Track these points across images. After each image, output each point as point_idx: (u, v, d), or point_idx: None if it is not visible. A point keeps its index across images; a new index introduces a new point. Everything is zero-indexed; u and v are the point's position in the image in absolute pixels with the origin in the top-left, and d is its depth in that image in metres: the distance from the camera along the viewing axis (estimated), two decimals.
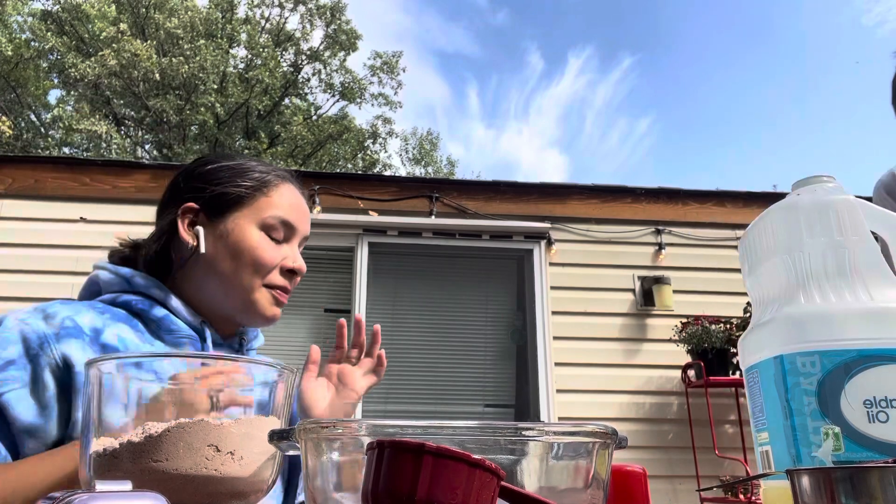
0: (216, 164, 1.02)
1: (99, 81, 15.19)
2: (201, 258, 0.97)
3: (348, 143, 18.53)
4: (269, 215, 0.99)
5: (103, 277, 0.98)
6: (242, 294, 0.97)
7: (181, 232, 0.98)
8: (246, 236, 0.97)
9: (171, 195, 1.03)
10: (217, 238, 0.97)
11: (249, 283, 0.97)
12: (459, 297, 4.80)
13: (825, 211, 0.61)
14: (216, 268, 0.97)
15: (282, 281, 1.00)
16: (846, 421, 0.53)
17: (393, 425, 0.42)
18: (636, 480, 0.61)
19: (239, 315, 0.99)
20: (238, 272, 0.96)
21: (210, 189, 0.99)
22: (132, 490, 0.38)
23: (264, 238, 0.98)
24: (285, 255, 1.00)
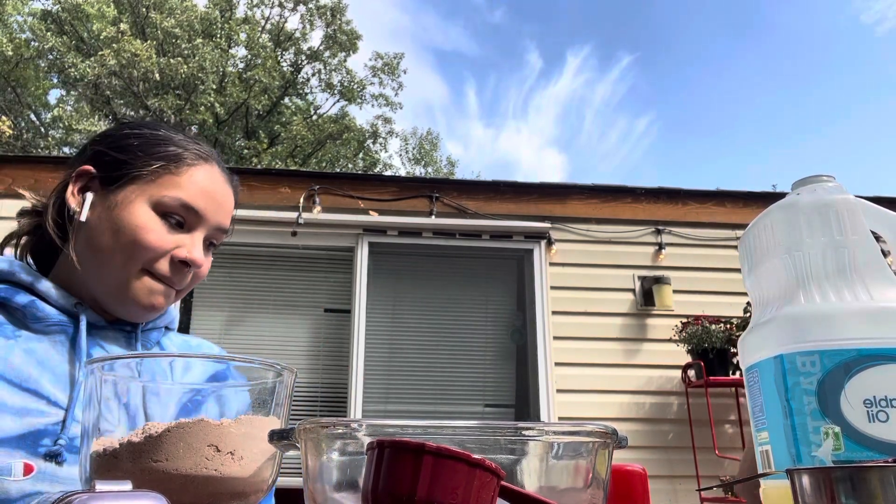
0: (132, 130, 0.91)
1: (99, 81, 15.19)
2: (83, 229, 0.85)
3: (349, 144, 18.53)
4: (169, 195, 0.85)
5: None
6: (114, 276, 0.84)
7: (68, 195, 0.88)
8: (133, 212, 0.84)
9: (76, 156, 0.92)
10: (104, 209, 0.85)
11: (123, 265, 0.84)
12: (459, 297, 4.80)
13: (825, 210, 0.61)
14: (94, 241, 0.84)
15: (166, 270, 0.86)
16: (846, 420, 0.53)
17: (393, 425, 0.42)
18: (636, 480, 0.61)
19: (108, 300, 0.86)
20: (114, 250, 0.83)
21: (112, 155, 0.88)
22: (132, 490, 0.38)
23: (154, 219, 0.85)
24: (180, 244, 0.86)
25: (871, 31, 39.31)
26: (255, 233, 4.43)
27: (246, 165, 15.12)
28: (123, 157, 0.87)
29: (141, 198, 0.85)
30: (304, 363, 4.44)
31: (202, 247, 0.90)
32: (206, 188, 0.91)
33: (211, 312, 4.63)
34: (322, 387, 4.43)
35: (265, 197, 4.55)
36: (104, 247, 0.84)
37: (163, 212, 0.85)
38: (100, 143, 0.91)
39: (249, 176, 4.74)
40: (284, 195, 4.58)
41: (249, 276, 4.72)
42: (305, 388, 4.38)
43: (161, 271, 0.86)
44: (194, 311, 4.62)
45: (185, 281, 0.89)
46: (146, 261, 0.84)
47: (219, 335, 4.43)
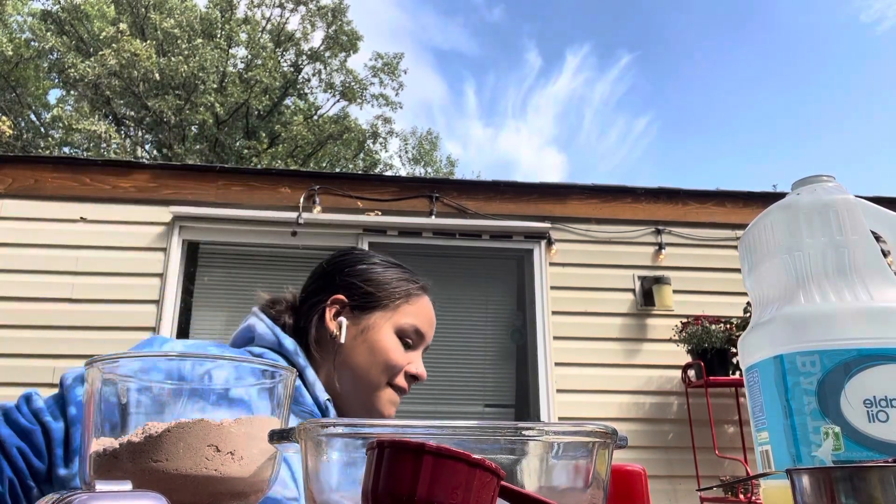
0: (369, 264, 1.11)
1: (99, 81, 15.19)
2: (339, 347, 1.03)
3: (349, 144, 18.53)
4: (407, 322, 1.07)
5: (258, 330, 1.04)
6: (369, 389, 1.03)
7: (327, 320, 1.05)
8: (383, 337, 1.05)
9: (322, 283, 1.10)
10: (357, 333, 1.04)
11: (378, 381, 1.03)
12: (459, 297, 4.80)
13: (825, 210, 0.61)
14: (351, 360, 1.03)
15: (404, 384, 1.07)
16: (846, 420, 0.53)
17: (393, 425, 0.42)
18: (636, 480, 0.61)
19: (355, 407, 1.04)
20: (370, 368, 1.03)
21: (363, 288, 1.07)
22: (132, 490, 0.38)
23: (397, 342, 1.06)
24: (411, 360, 1.08)
25: (871, 31, 39.32)
26: (255, 233, 4.44)
27: (246, 165, 15.13)
28: (371, 290, 1.07)
29: (387, 324, 1.06)
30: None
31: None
32: (428, 315, 1.12)
33: (211, 312, 4.63)
34: None
35: (265, 197, 4.56)
36: (360, 364, 1.03)
37: (401, 335, 1.07)
38: (350, 276, 1.09)
39: (249, 176, 4.74)
40: (284, 195, 4.58)
41: (249, 276, 4.72)
42: None
43: (400, 385, 1.06)
44: (194, 311, 4.62)
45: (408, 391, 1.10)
46: (391, 375, 1.04)
47: (219, 335, 4.43)
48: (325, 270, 1.11)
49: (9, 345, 3.96)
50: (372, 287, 1.07)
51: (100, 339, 3.95)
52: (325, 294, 1.07)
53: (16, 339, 3.98)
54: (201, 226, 4.38)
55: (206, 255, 4.77)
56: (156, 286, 4.21)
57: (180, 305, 4.31)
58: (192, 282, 4.67)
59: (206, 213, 4.36)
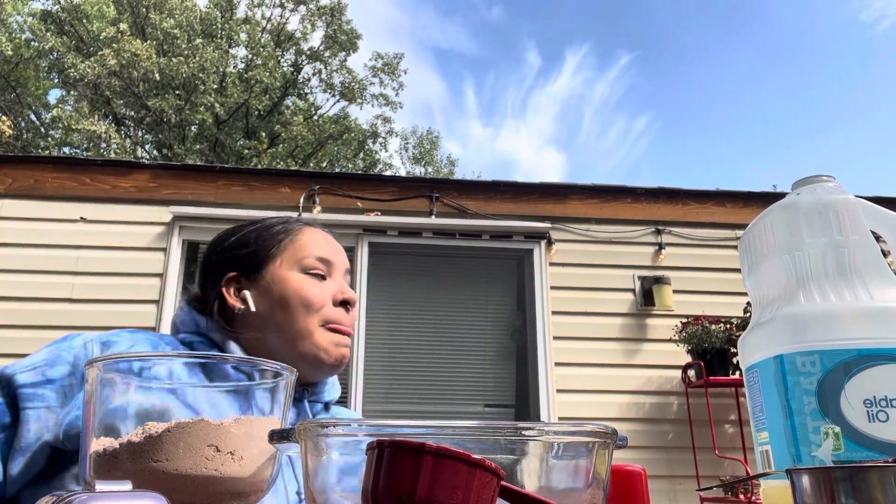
0: (240, 232, 1.06)
1: (98, 81, 15.19)
2: (254, 317, 0.98)
3: (349, 144, 18.53)
4: (304, 255, 1.01)
5: (180, 317, 1.02)
6: (302, 338, 0.97)
7: (229, 301, 1.00)
8: (289, 282, 0.99)
9: (208, 271, 1.05)
10: (263, 294, 0.99)
11: (306, 326, 0.97)
12: (459, 297, 4.80)
13: (825, 210, 0.61)
14: (271, 321, 0.97)
15: (336, 313, 1.00)
16: (846, 420, 0.53)
17: (393, 425, 0.42)
18: (636, 480, 0.61)
19: (306, 364, 0.97)
20: (292, 318, 0.97)
21: (241, 252, 1.03)
22: (132, 490, 0.38)
23: (305, 277, 1.00)
24: (332, 290, 1.01)
25: (870, 30, 39.32)
26: None
27: (246, 165, 15.13)
28: (250, 250, 1.02)
29: (284, 269, 1.00)
30: None
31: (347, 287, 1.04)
32: (322, 240, 1.06)
33: None
34: None
35: (265, 197, 4.56)
36: (281, 320, 0.97)
37: (306, 271, 1.00)
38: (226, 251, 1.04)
39: (249, 176, 4.74)
40: (284, 195, 4.58)
41: None
42: None
43: (334, 318, 0.99)
44: None
45: (352, 322, 1.03)
46: (319, 314, 0.98)
47: None
48: (204, 260, 1.07)
49: (9, 345, 3.96)
50: (250, 247, 1.03)
51: None
52: (214, 279, 1.02)
53: (16, 339, 3.98)
54: (201, 226, 4.38)
55: None
56: (156, 286, 4.21)
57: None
58: (192, 282, 4.67)
59: (206, 213, 4.36)
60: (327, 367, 0.99)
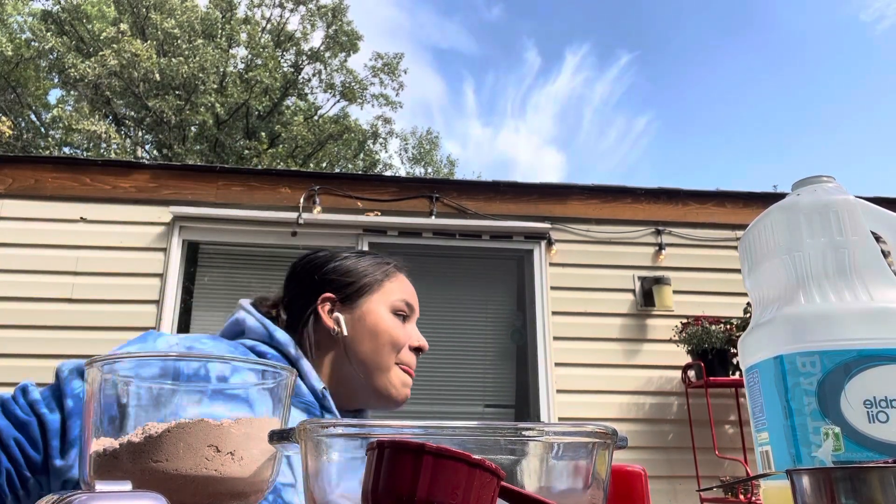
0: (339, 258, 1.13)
1: (99, 81, 15.19)
2: (341, 342, 1.05)
3: (349, 144, 18.53)
4: (396, 297, 1.10)
5: (249, 323, 1.04)
6: (380, 372, 1.06)
7: (324, 318, 1.06)
8: (382, 318, 1.07)
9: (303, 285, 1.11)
10: (355, 322, 1.06)
11: (387, 362, 1.06)
12: (459, 298, 4.80)
13: (825, 211, 0.61)
14: (356, 349, 1.05)
15: (410, 358, 1.10)
16: (846, 421, 0.53)
17: (393, 425, 0.42)
18: (636, 481, 0.61)
19: (374, 396, 1.07)
20: (377, 350, 1.05)
21: (342, 281, 1.10)
22: (132, 490, 0.38)
23: (394, 319, 1.09)
24: (411, 333, 1.11)
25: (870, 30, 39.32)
26: (255, 233, 4.44)
27: (246, 166, 15.13)
28: (353, 280, 1.09)
29: (379, 306, 1.08)
30: None
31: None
32: (412, 288, 1.16)
33: (211, 313, 4.63)
34: None
35: (265, 197, 4.56)
36: (367, 351, 1.05)
37: (395, 312, 1.10)
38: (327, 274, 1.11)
39: (250, 176, 4.74)
40: (285, 195, 4.58)
41: (249, 277, 4.72)
42: None
43: (407, 361, 1.09)
44: (194, 311, 4.62)
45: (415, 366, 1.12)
46: (399, 354, 1.07)
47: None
48: (300, 274, 1.13)
49: (9, 345, 3.96)
50: (352, 277, 1.10)
51: (100, 339, 3.95)
52: (309, 295, 1.09)
53: (16, 339, 3.98)
54: (201, 226, 4.38)
55: (207, 256, 4.77)
56: (156, 286, 4.21)
57: (180, 306, 4.31)
58: (192, 282, 4.68)
59: (206, 213, 4.36)
60: (393, 403, 1.08)
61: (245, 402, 0.59)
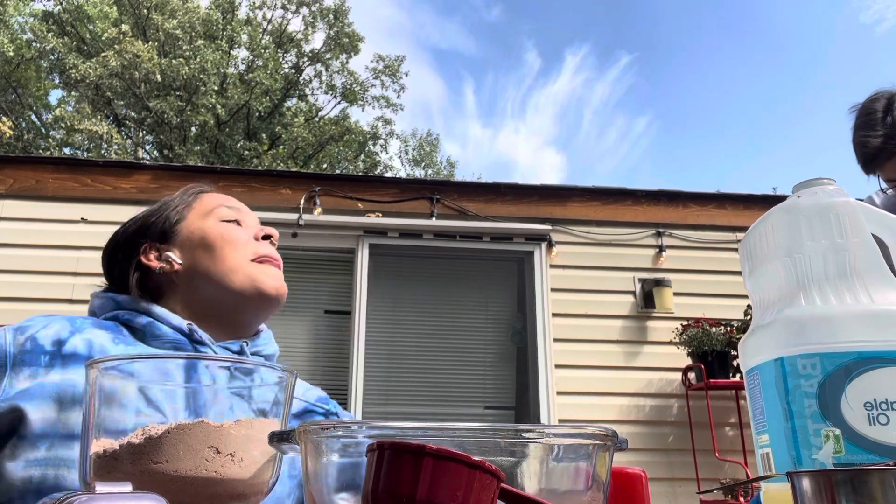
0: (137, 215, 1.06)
1: (100, 82, 15.21)
2: (181, 275, 0.98)
3: (350, 146, 18.54)
4: (213, 208, 1.03)
5: (96, 304, 1.00)
6: (236, 275, 0.97)
7: (151, 265, 0.99)
8: (206, 228, 1.00)
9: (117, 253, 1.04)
10: (182, 249, 0.99)
11: (235, 261, 0.97)
12: (460, 299, 4.80)
13: (826, 213, 0.61)
14: (199, 270, 0.97)
15: (264, 248, 1.01)
16: (847, 423, 0.53)
17: (393, 427, 0.42)
18: (636, 483, 0.61)
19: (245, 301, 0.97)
20: (219, 258, 0.97)
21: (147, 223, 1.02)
22: (132, 492, 0.38)
23: (222, 223, 1.01)
24: (251, 231, 1.03)
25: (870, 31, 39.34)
26: None
27: (247, 167, 15.14)
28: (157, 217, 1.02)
29: (200, 221, 1.01)
30: (304, 365, 4.45)
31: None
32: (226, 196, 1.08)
33: None
34: (322, 388, 4.42)
35: (266, 198, 4.56)
36: (208, 265, 0.97)
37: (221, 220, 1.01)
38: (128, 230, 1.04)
39: (250, 177, 4.74)
40: (285, 196, 4.58)
41: None
42: None
43: (262, 253, 1.00)
44: None
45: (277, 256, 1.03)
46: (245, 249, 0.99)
47: None
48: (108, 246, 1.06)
49: None
50: (158, 215, 1.03)
51: None
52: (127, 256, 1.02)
53: None
54: None
55: None
56: None
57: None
58: None
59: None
60: (267, 299, 0.98)
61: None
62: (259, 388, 0.59)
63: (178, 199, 1.05)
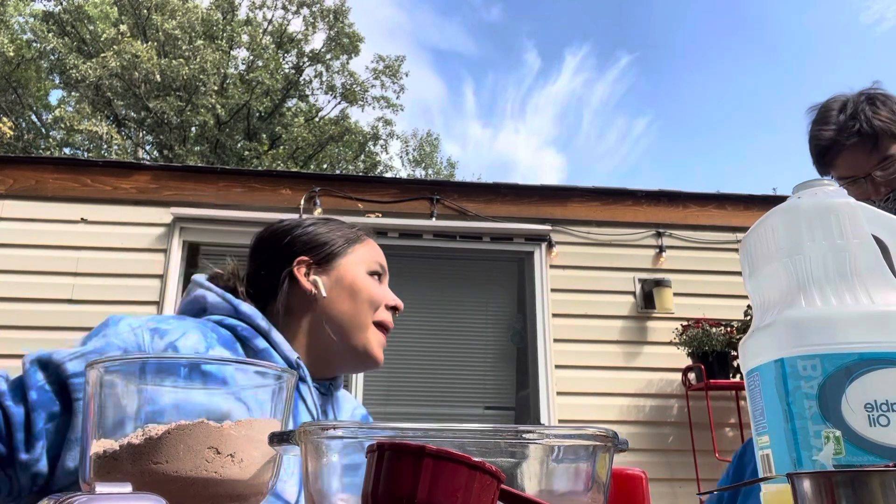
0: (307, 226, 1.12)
1: (100, 82, 15.21)
2: (319, 303, 1.04)
3: (350, 146, 18.54)
4: (370, 258, 1.10)
5: (210, 299, 1.02)
6: (358, 331, 1.04)
7: (301, 282, 1.05)
8: (359, 277, 1.07)
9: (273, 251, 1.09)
10: (332, 283, 1.05)
11: (365, 320, 1.04)
12: (460, 300, 4.80)
13: (826, 214, 0.61)
14: (335, 309, 1.04)
15: (387, 316, 1.08)
16: (847, 425, 0.53)
17: (393, 427, 0.42)
18: (636, 484, 0.61)
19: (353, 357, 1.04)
20: (356, 309, 1.04)
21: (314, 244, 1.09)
22: (132, 492, 0.38)
23: (370, 279, 1.08)
24: (386, 293, 1.10)
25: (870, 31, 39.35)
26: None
27: (247, 167, 15.13)
28: (325, 241, 1.08)
29: (355, 266, 1.07)
30: None
31: None
32: (379, 249, 1.15)
33: None
34: None
35: (266, 198, 4.56)
36: (346, 310, 1.04)
37: (370, 272, 1.09)
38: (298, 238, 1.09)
39: (250, 177, 4.74)
40: (285, 196, 4.58)
41: None
42: None
43: (385, 320, 1.07)
44: None
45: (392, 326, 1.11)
46: (377, 312, 1.06)
47: None
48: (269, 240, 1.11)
49: (9, 345, 3.96)
50: (324, 240, 1.09)
51: None
52: (281, 261, 1.07)
53: (16, 339, 3.98)
54: (202, 227, 4.38)
55: (207, 257, 4.77)
56: (156, 287, 4.21)
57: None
58: None
59: (207, 214, 4.36)
60: (372, 363, 1.06)
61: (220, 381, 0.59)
62: (258, 388, 0.59)
63: (346, 233, 1.12)
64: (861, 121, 1.39)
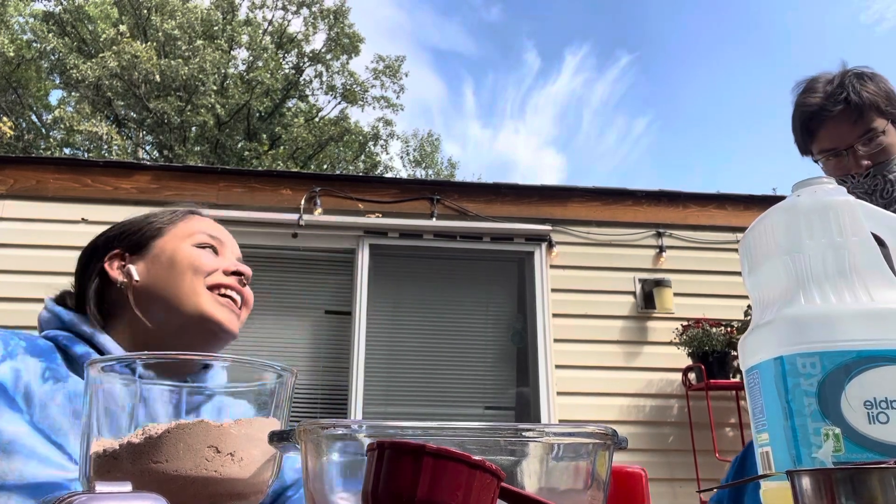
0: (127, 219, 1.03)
1: (100, 83, 15.21)
2: (139, 289, 0.94)
3: (350, 146, 18.54)
4: (193, 232, 0.99)
5: (42, 316, 0.98)
6: (186, 298, 0.92)
7: (111, 274, 0.96)
8: (178, 249, 0.96)
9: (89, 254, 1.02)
10: (148, 265, 0.95)
11: (193, 287, 0.93)
12: (460, 300, 4.80)
13: (825, 212, 0.61)
14: (154, 287, 0.93)
15: (226, 279, 0.96)
16: (846, 422, 0.53)
17: (393, 426, 0.42)
18: (636, 482, 0.61)
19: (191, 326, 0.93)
20: (178, 280, 0.93)
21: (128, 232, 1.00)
22: (132, 491, 0.38)
23: (197, 249, 0.97)
24: (222, 261, 0.98)
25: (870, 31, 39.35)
26: (256, 234, 4.43)
27: (247, 167, 15.14)
28: (137, 228, 0.99)
29: (177, 241, 0.97)
30: (305, 365, 4.44)
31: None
32: (213, 225, 1.04)
33: None
34: (322, 388, 4.43)
35: (266, 199, 4.56)
36: (165, 285, 0.93)
37: (199, 245, 0.98)
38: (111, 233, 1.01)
39: (250, 177, 4.74)
40: (285, 197, 4.58)
41: None
42: (306, 389, 4.38)
43: (222, 282, 0.95)
44: None
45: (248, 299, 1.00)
46: (207, 277, 0.94)
47: None
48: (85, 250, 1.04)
49: None
50: (137, 226, 1.00)
51: None
52: (95, 262, 0.99)
53: None
54: None
55: None
56: None
57: None
58: None
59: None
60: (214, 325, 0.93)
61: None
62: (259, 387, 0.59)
63: (164, 215, 1.02)
64: (848, 90, 1.40)
